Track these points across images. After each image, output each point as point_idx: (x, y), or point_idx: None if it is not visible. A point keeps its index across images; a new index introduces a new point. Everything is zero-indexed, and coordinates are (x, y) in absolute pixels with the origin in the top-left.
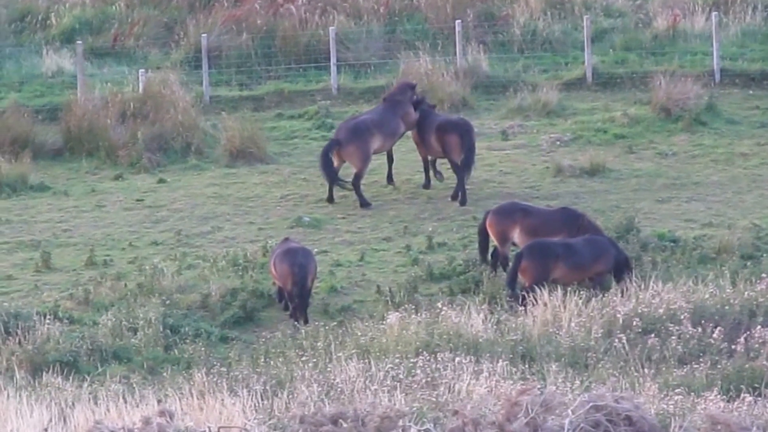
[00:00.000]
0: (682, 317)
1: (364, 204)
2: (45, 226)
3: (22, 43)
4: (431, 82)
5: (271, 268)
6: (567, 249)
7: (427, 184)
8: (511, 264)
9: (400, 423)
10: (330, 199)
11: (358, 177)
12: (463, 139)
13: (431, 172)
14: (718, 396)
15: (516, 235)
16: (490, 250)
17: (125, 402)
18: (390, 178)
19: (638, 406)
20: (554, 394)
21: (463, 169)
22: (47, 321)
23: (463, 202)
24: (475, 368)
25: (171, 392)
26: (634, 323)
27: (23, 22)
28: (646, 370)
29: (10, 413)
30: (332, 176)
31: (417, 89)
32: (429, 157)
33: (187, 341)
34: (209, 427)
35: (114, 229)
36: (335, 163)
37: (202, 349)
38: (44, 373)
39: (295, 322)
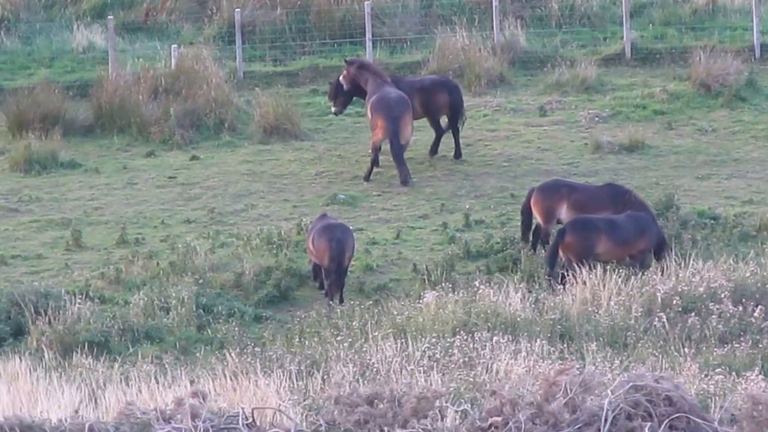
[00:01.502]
0: (722, 296)
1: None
2: (75, 204)
3: (53, 18)
4: (468, 57)
5: (308, 244)
6: (610, 224)
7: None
8: (552, 241)
9: (437, 404)
10: (367, 178)
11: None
12: (452, 96)
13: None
14: (759, 376)
15: (563, 212)
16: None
17: (157, 383)
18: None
19: (678, 386)
20: (593, 374)
21: (456, 123)
22: (78, 300)
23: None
24: (513, 348)
25: (204, 373)
26: (674, 302)
27: None
28: (686, 350)
29: (40, 394)
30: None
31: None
32: None
33: (221, 321)
34: (243, 408)
35: (146, 207)
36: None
37: (236, 328)
38: (75, 354)
39: (330, 301)
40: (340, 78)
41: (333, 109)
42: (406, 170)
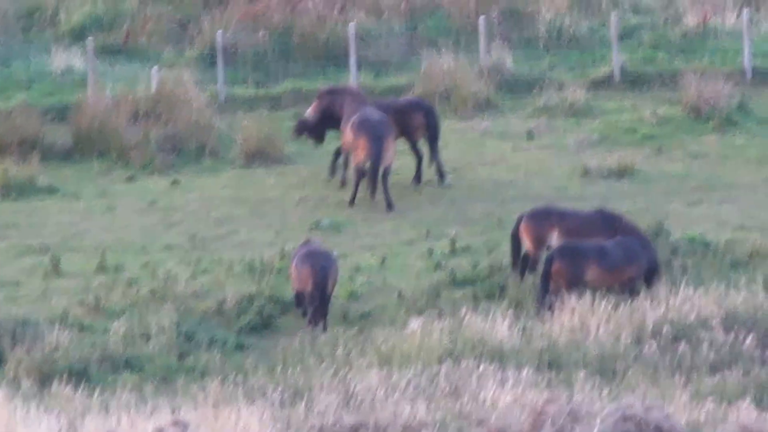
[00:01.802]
0: (713, 323)
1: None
2: (54, 230)
3: (31, 41)
4: (454, 80)
5: (291, 271)
6: (600, 251)
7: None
8: (542, 268)
9: None
10: (352, 202)
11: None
12: (428, 118)
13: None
14: (751, 405)
15: (553, 239)
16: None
17: (137, 412)
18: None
19: (668, 416)
20: (582, 403)
21: (435, 145)
22: (56, 328)
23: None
24: (500, 376)
25: (185, 402)
26: (664, 330)
27: (31, 19)
28: (676, 379)
29: (18, 424)
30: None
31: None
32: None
33: (202, 349)
34: None
35: (126, 233)
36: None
37: (217, 357)
38: (53, 383)
39: (314, 329)
40: (307, 114)
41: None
42: (389, 196)
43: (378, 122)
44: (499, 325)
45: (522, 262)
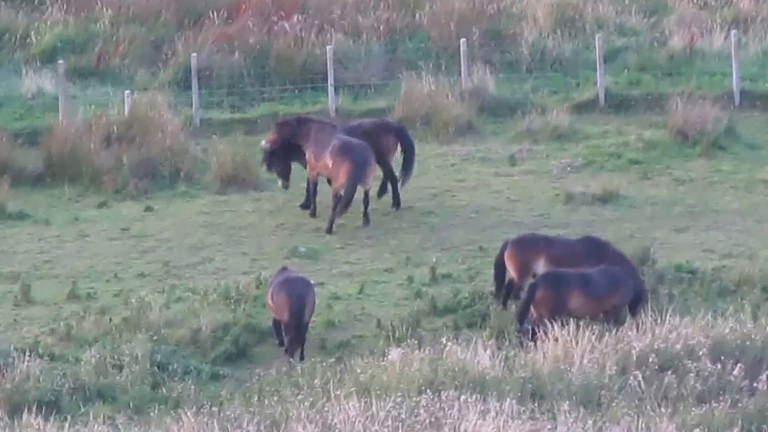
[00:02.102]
0: (700, 353)
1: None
2: (24, 257)
3: (0, 63)
4: (435, 104)
5: (267, 299)
6: (583, 279)
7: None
8: (524, 296)
9: None
10: (329, 230)
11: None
12: (399, 136)
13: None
14: None
15: (539, 267)
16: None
17: None
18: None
19: None
20: None
21: (407, 170)
22: (27, 358)
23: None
24: (482, 407)
25: None
26: (650, 359)
27: (1, 41)
28: (662, 410)
29: None
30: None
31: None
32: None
33: (176, 379)
34: None
35: (98, 260)
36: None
37: (192, 387)
38: (23, 414)
39: (290, 359)
40: (263, 144)
41: (280, 184)
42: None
43: (360, 147)
44: (480, 355)
45: (506, 290)
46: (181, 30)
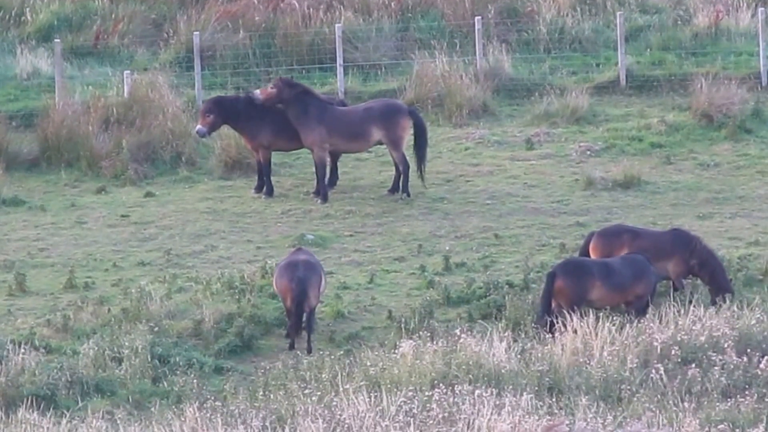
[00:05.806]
0: (725, 345)
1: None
2: (19, 245)
3: None
4: (448, 85)
5: (273, 282)
6: (605, 268)
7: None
8: (543, 285)
9: None
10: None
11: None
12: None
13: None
14: None
15: None
16: None
17: None
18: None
19: None
20: (584, 430)
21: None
22: (22, 350)
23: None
24: (497, 402)
25: (160, 429)
26: (673, 352)
27: None
28: (685, 404)
29: None
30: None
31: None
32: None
33: (178, 372)
34: None
35: (96, 248)
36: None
37: (195, 381)
38: (19, 409)
39: (290, 348)
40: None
41: (199, 127)
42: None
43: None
44: (496, 347)
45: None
46: (183, 7)
